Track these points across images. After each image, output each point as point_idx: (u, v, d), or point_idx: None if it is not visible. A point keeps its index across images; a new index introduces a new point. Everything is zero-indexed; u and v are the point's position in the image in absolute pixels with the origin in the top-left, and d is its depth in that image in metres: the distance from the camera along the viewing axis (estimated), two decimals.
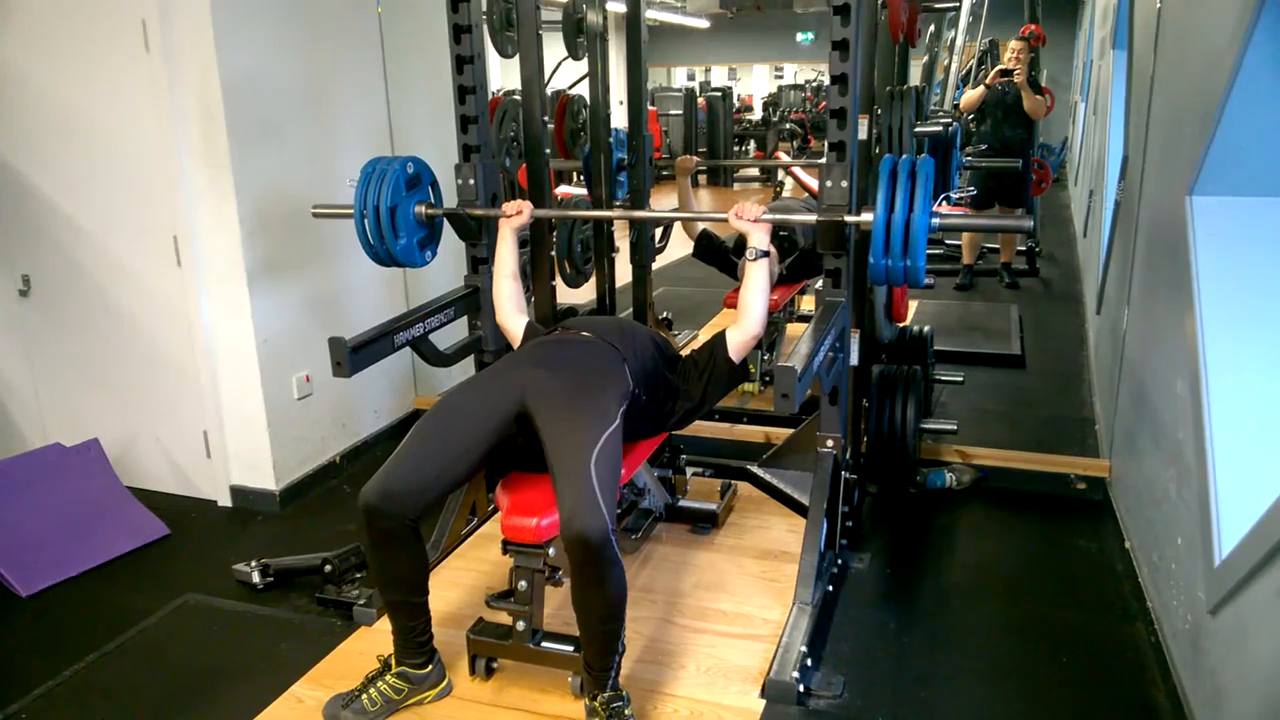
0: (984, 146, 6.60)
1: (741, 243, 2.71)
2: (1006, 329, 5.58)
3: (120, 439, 3.58)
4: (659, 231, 4.56)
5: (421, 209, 2.91)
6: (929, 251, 2.52)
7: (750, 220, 2.55)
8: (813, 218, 2.66)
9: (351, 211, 2.87)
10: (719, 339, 2.57)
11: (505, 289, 2.80)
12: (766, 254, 2.54)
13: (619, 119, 4.09)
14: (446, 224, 3.05)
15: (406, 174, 2.86)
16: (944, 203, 2.51)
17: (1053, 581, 2.88)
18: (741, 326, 2.54)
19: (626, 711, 2.13)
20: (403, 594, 2.24)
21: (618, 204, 4.04)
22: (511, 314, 2.78)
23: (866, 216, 2.48)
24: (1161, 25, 3.07)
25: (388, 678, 2.26)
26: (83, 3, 3.17)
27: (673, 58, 19.94)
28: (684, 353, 2.70)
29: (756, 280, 2.53)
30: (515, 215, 2.83)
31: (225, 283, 3.31)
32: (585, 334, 2.53)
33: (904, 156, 2.45)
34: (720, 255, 4.31)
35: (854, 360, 2.96)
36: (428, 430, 2.28)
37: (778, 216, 2.68)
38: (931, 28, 7.81)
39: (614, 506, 2.08)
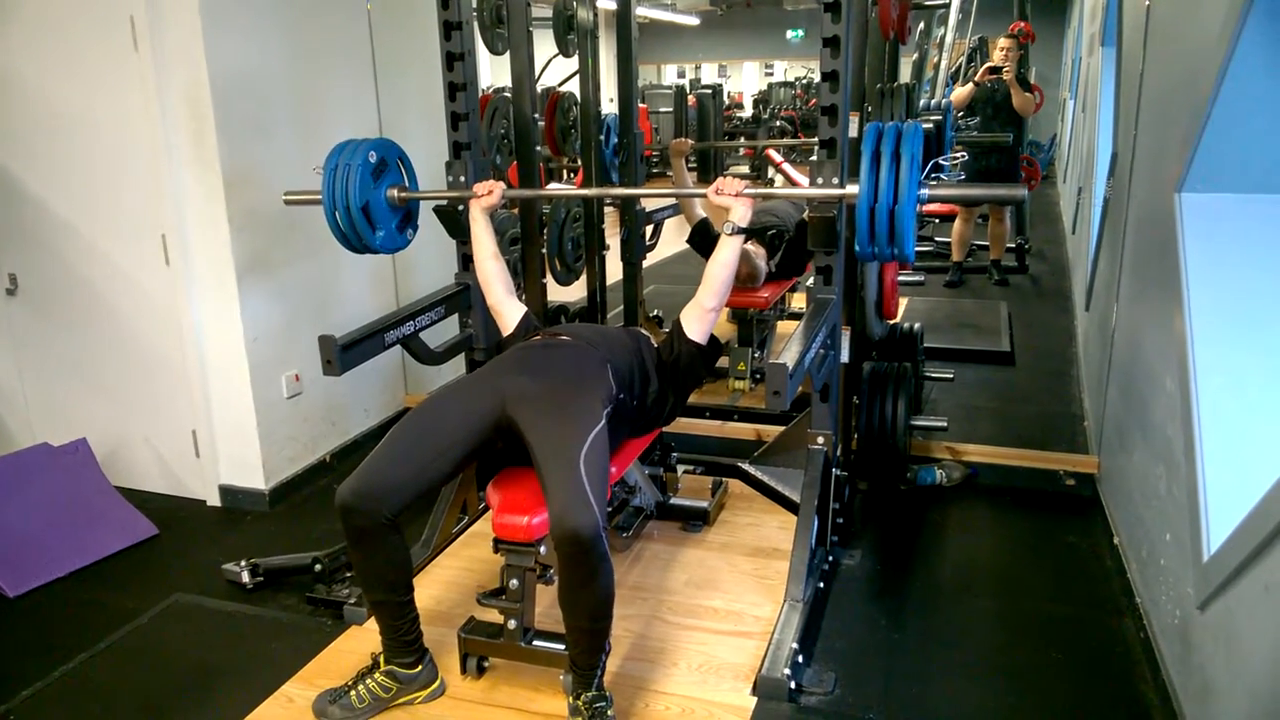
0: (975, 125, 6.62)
1: None
2: (996, 326, 5.60)
3: (108, 438, 3.56)
4: (649, 229, 4.56)
5: (394, 193, 2.83)
6: (918, 249, 2.49)
7: (731, 194, 2.50)
8: (797, 192, 2.61)
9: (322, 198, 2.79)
10: (675, 327, 2.55)
11: (490, 270, 2.75)
12: (743, 231, 2.51)
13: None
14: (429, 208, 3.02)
15: (370, 164, 2.75)
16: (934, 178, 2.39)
17: (1042, 577, 2.89)
18: (698, 299, 2.51)
19: (609, 712, 2.13)
20: (385, 593, 2.23)
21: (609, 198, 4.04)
22: (503, 297, 2.73)
23: (852, 189, 2.39)
24: (1151, 22, 3.08)
25: (376, 675, 2.26)
26: (70, 0, 3.15)
27: (663, 55, 19.94)
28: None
29: (725, 254, 2.49)
30: (486, 195, 2.77)
31: (214, 281, 3.29)
32: (567, 338, 2.52)
33: (889, 125, 2.34)
34: (713, 245, 4.31)
35: (845, 357, 2.96)
36: (406, 431, 2.27)
37: (760, 191, 2.64)
38: (921, 25, 7.80)
39: (604, 504, 2.07)
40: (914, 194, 2.29)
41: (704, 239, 4.26)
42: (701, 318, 2.52)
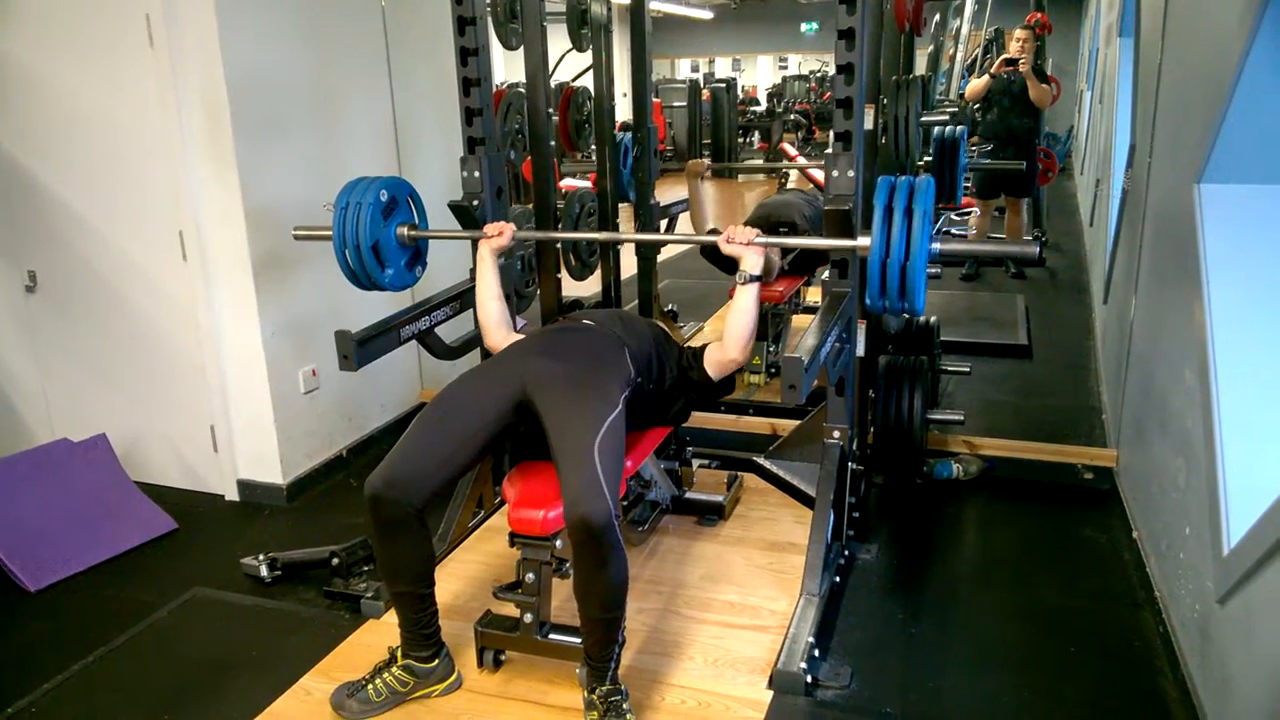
0: (989, 143, 6.58)
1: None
2: (1013, 319, 5.57)
3: (127, 434, 3.59)
4: (664, 224, 4.55)
5: (404, 231, 2.83)
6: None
7: (743, 243, 2.50)
8: (810, 242, 2.63)
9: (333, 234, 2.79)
10: (700, 351, 2.60)
11: (493, 312, 2.73)
12: (758, 278, 2.49)
13: (623, 111, 4.07)
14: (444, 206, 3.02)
15: (381, 203, 2.74)
16: (942, 231, 2.43)
17: (1060, 571, 2.88)
18: (723, 347, 2.53)
19: (625, 705, 2.13)
20: (408, 585, 2.24)
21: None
22: (505, 339, 2.71)
23: (864, 241, 2.36)
24: (1169, 11, 3.06)
25: (393, 669, 2.27)
26: None
27: (677, 49, 19.94)
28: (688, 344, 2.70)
29: (742, 304, 2.47)
30: (496, 237, 2.76)
31: (231, 277, 3.31)
32: (586, 322, 2.55)
33: (901, 180, 2.31)
34: (725, 258, 4.30)
35: (860, 351, 2.95)
36: (430, 419, 2.28)
37: (772, 240, 2.65)
38: (937, 17, 7.76)
39: (618, 492, 2.08)
40: (925, 249, 2.27)
41: (716, 252, 4.25)
42: (721, 362, 2.56)
